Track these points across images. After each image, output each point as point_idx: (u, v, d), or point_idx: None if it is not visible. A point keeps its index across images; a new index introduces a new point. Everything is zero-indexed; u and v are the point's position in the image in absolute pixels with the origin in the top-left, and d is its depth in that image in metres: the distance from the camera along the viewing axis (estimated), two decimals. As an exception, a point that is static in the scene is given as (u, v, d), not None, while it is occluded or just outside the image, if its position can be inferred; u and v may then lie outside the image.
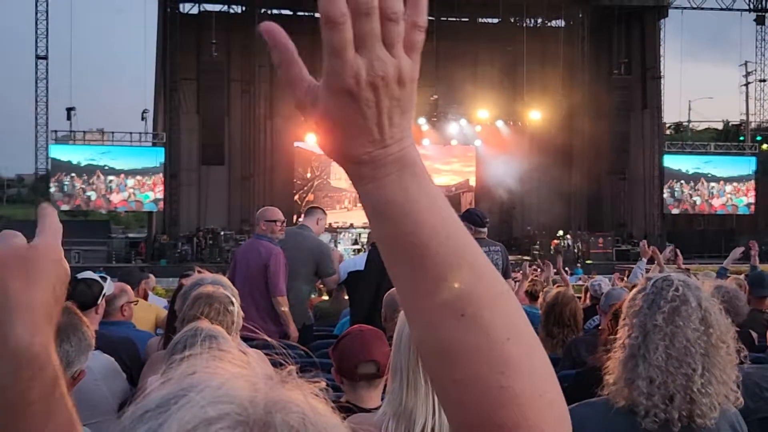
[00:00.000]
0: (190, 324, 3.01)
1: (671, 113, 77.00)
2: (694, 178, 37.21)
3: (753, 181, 37.39)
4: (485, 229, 7.43)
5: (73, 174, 33.24)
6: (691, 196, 37.25)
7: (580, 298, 7.82)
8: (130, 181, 33.62)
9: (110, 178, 33.43)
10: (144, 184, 33.80)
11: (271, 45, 0.86)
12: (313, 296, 10.80)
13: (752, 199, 37.46)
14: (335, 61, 0.84)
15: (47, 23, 33.06)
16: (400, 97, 0.87)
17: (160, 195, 33.84)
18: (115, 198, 33.91)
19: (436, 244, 0.88)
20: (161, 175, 33.65)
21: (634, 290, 2.47)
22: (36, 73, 33.08)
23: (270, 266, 7.01)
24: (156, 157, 33.75)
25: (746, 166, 37.57)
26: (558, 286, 7.43)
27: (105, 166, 33.39)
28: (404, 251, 0.89)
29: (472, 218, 7.44)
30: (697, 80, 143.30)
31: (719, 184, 37.34)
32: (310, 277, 7.57)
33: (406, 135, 0.89)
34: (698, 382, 2.30)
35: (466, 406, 0.88)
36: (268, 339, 1.08)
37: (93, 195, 33.50)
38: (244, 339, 3.78)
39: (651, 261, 8.11)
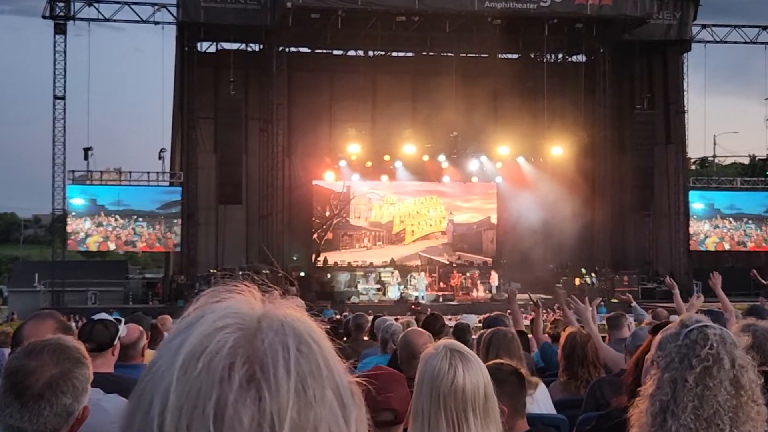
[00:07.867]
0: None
1: (696, 148, 76.28)
2: (721, 214, 36.58)
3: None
4: None
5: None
6: (717, 232, 36.58)
7: (604, 338, 7.39)
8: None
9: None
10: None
11: None
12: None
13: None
14: None
15: (65, 63, 33.17)
16: None
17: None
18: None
19: None
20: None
21: (667, 334, 2.34)
22: (54, 113, 33.09)
23: None
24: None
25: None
26: (567, 327, 7.02)
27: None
28: None
29: None
30: (721, 114, 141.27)
31: (744, 220, 36.73)
32: None
33: None
34: None
35: None
36: None
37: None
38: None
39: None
